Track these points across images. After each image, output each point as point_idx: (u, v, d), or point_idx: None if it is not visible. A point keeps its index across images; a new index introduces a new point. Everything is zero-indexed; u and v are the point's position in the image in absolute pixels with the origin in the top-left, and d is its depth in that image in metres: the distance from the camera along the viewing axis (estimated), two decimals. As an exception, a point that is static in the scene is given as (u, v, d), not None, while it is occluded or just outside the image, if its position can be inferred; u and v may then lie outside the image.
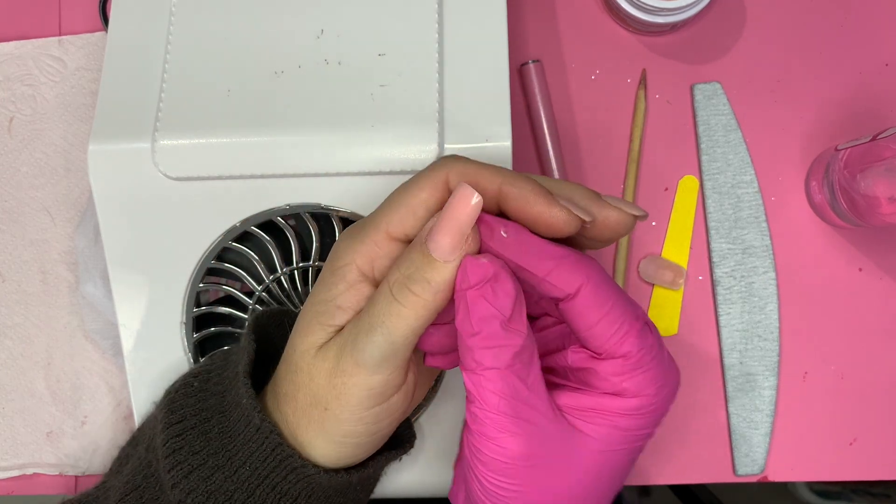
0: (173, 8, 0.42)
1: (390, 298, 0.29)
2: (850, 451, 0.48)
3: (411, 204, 0.30)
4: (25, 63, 0.53)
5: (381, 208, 0.31)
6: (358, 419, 0.31)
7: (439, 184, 0.30)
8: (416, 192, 0.30)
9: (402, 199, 0.30)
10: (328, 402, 0.31)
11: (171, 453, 0.33)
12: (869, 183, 0.43)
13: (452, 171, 0.30)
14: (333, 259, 0.31)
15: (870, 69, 0.50)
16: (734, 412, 0.48)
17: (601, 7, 0.51)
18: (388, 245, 0.30)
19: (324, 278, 0.31)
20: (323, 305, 0.31)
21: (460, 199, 0.28)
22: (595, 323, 0.29)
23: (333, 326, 0.31)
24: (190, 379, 0.36)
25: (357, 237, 0.31)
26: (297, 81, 0.40)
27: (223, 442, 0.33)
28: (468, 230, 0.29)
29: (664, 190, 0.50)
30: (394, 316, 0.29)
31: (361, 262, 0.30)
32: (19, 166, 0.52)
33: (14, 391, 0.51)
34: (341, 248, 0.31)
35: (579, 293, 0.29)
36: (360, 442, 0.32)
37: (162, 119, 0.39)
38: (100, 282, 0.48)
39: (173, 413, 0.34)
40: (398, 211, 0.30)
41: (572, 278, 0.28)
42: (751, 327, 0.49)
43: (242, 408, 0.33)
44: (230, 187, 0.39)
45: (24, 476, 0.51)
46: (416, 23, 0.40)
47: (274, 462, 0.32)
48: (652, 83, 0.50)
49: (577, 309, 0.29)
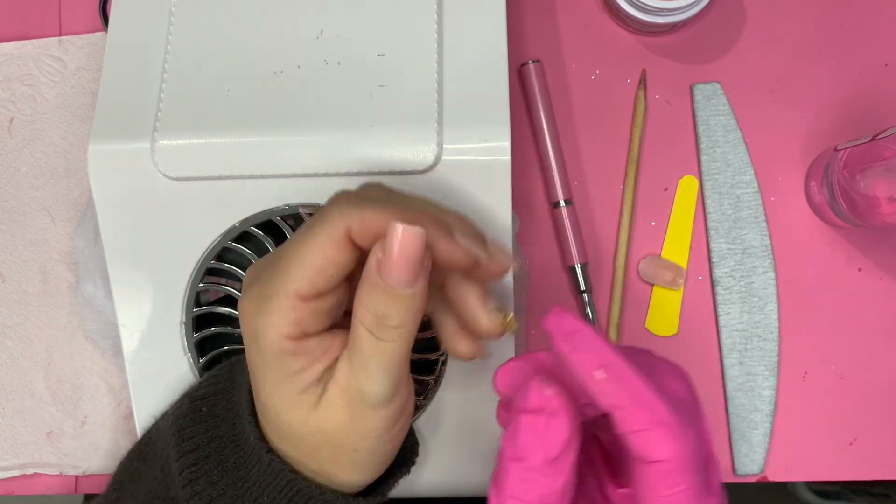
0: (173, 8, 0.42)
1: (374, 340, 0.29)
2: (849, 451, 0.48)
3: (318, 265, 0.28)
4: (25, 63, 0.53)
5: (278, 272, 0.29)
6: (387, 442, 0.32)
7: (342, 239, 0.28)
8: (321, 251, 0.28)
9: (305, 260, 0.28)
10: (356, 445, 0.31)
11: (189, 483, 0.33)
12: (868, 183, 0.43)
13: (353, 222, 0.28)
14: (256, 340, 0.29)
15: (870, 69, 0.50)
16: (734, 412, 0.48)
17: (601, 7, 0.51)
18: (304, 306, 0.29)
19: (261, 358, 0.30)
20: (286, 380, 0.30)
21: (404, 238, 0.27)
22: (656, 498, 0.27)
23: (313, 385, 0.30)
24: (197, 403, 0.35)
25: (267, 310, 0.29)
26: (296, 81, 0.40)
27: (240, 473, 0.33)
28: (423, 257, 0.28)
29: (664, 190, 0.50)
30: (383, 353, 0.29)
31: (287, 332, 0.29)
32: (19, 166, 0.52)
33: (14, 391, 0.51)
34: (258, 327, 0.29)
35: (659, 464, 0.26)
36: (391, 455, 0.33)
37: (162, 119, 0.39)
38: (100, 282, 0.48)
39: (185, 441, 0.34)
40: (305, 274, 0.28)
41: (654, 450, 0.26)
42: (750, 327, 0.49)
43: (251, 444, 0.33)
44: (230, 187, 0.39)
45: (24, 476, 0.51)
46: (415, 23, 0.40)
47: (291, 493, 0.32)
48: (652, 83, 0.51)
49: (648, 476, 0.27)
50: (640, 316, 0.49)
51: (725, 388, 0.48)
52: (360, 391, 0.30)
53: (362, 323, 0.29)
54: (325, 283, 0.29)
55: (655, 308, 0.49)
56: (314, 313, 0.29)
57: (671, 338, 0.49)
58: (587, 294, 0.48)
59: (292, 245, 0.29)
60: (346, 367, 0.30)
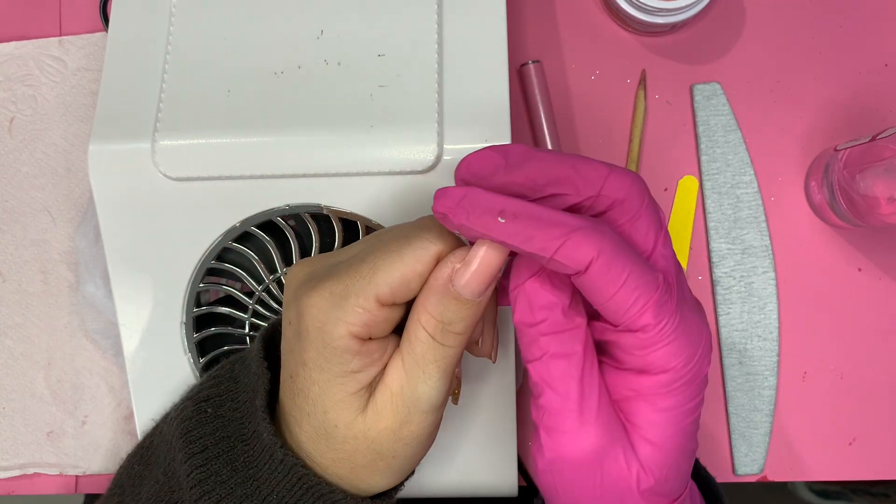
0: (173, 8, 0.42)
1: (434, 344, 0.30)
2: (849, 451, 0.48)
3: (406, 277, 0.29)
4: (26, 63, 0.53)
5: (364, 271, 0.29)
6: (424, 448, 0.32)
7: (432, 261, 0.29)
8: (412, 266, 0.29)
9: (394, 269, 0.29)
10: (396, 452, 0.31)
11: (198, 483, 0.33)
12: (868, 183, 0.43)
13: (446, 250, 0.29)
14: (322, 334, 0.30)
15: (870, 69, 0.50)
16: (734, 412, 0.48)
17: (601, 7, 0.51)
18: (381, 312, 0.29)
19: (322, 354, 0.30)
20: (342, 379, 0.30)
21: (488, 256, 0.28)
22: (610, 297, 0.27)
23: (364, 388, 0.31)
24: (202, 405, 0.35)
25: (340, 306, 0.29)
26: (296, 82, 0.40)
27: (251, 472, 0.33)
28: (497, 273, 0.29)
29: (664, 190, 0.50)
30: (444, 358, 0.30)
31: (357, 331, 0.29)
32: (20, 166, 0.52)
33: (14, 391, 0.51)
34: (329, 321, 0.30)
35: (590, 268, 0.27)
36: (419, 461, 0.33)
37: (162, 119, 0.39)
38: (100, 282, 0.48)
39: (193, 443, 0.34)
40: (391, 281, 0.29)
41: (581, 254, 0.27)
42: (750, 327, 0.49)
43: (264, 441, 0.33)
44: (230, 187, 0.40)
45: (24, 476, 0.51)
46: (415, 23, 0.40)
47: (301, 490, 0.32)
48: (652, 83, 0.51)
49: (590, 284, 0.27)
50: (640, 316, 0.49)
51: (725, 388, 0.48)
52: (415, 394, 0.30)
53: (425, 328, 0.29)
54: (404, 295, 0.30)
55: (655, 308, 0.49)
56: (385, 320, 0.30)
57: (671, 338, 0.49)
58: (587, 294, 0.48)
59: (382, 252, 0.30)
60: (398, 372, 0.30)
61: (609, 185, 0.29)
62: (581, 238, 0.27)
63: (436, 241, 0.29)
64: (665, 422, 0.29)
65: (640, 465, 0.29)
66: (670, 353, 0.28)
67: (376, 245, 0.30)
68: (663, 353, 0.28)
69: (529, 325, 0.29)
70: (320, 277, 0.31)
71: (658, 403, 0.29)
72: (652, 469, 0.29)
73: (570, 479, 0.29)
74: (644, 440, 0.29)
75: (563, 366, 0.28)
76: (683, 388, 0.29)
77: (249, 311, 0.42)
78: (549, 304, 0.28)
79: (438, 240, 0.29)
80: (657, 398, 0.29)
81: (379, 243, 0.30)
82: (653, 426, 0.29)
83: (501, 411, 0.42)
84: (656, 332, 0.28)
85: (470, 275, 0.28)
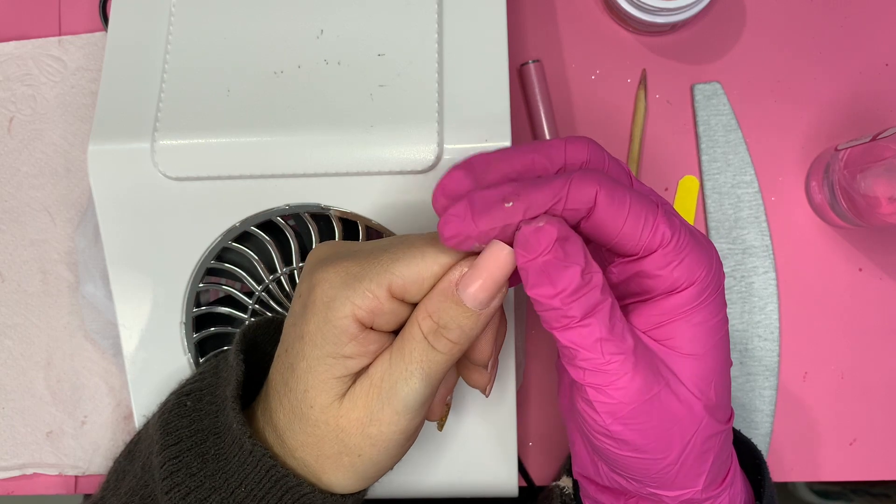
0: (173, 8, 0.42)
1: (426, 346, 0.29)
2: (849, 451, 0.48)
3: (423, 275, 0.29)
4: (25, 63, 0.53)
5: (384, 260, 0.30)
6: (391, 457, 0.32)
7: (448, 265, 0.30)
8: (429, 265, 0.29)
9: (412, 264, 0.29)
10: (362, 450, 0.31)
11: (169, 475, 0.33)
12: (869, 183, 0.43)
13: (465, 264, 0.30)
14: (327, 309, 0.30)
15: (870, 69, 0.50)
16: (734, 412, 0.48)
17: (601, 7, 0.51)
18: (389, 303, 0.30)
19: (321, 329, 0.30)
20: (332, 360, 0.30)
21: (497, 257, 0.28)
22: (622, 225, 0.28)
23: (349, 376, 0.31)
24: (183, 398, 0.36)
25: (351, 286, 0.30)
26: (296, 81, 0.40)
27: (220, 464, 0.33)
28: (504, 283, 0.29)
29: (664, 190, 0.50)
30: (431, 362, 0.30)
31: (361, 315, 0.30)
32: (19, 166, 0.52)
33: (14, 391, 0.51)
34: (337, 297, 0.30)
35: (597, 203, 0.28)
36: (385, 471, 0.33)
37: (162, 119, 0.39)
38: (100, 282, 0.48)
39: (169, 435, 0.34)
40: (406, 274, 0.29)
41: (586, 191, 0.28)
42: (751, 327, 0.49)
43: (234, 432, 0.33)
44: (230, 187, 0.39)
45: (24, 476, 0.51)
46: (415, 23, 0.40)
47: (269, 483, 0.32)
48: (652, 83, 0.50)
49: (599, 219, 0.28)
50: (641, 316, 0.49)
51: (726, 388, 0.48)
52: (392, 389, 0.30)
53: (420, 326, 0.30)
54: (415, 293, 0.30)
55: (655, 308, 0.49)
56: (390, 312, 0.30)
57: (671, 338, 0.49)
58: (587, 294, 0.48)
59: (406, 247, 0.30)
60: (383, 364, 0.30)
61: (570, 153, 0.30)
62: (580, 179, 0.28)
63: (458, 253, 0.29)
64: (703, 334, 0.30)
65: (689, 386, 0.30)
66: (693, 262, 0.29)
67: (403, 241, 0.31)
68: (686, 264, 0.29)
69: (552, 296, 0.28)
70: (341, 256, 0.31)
71: (692, 318, 0.30)
72: (700, 386, 0.30)
73: (636, 423, 0.29)
74: (687, 357, 0.30)
75: (593, 324, 0.28)
76: (711, 299, 0.30)
77: (249, 311, 0.42)
78: (567, 274, 0.28)
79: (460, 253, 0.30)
80: (691, 313, 0.30)
81: (406, 240, 0.31)
82: (692, 340, 0.30)
83: (501, 411, 0.42)
84: (674, 244, 0.29)
85: (476, 276, 0.28)
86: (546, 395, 0.49)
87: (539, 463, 0.49)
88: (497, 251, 0.28)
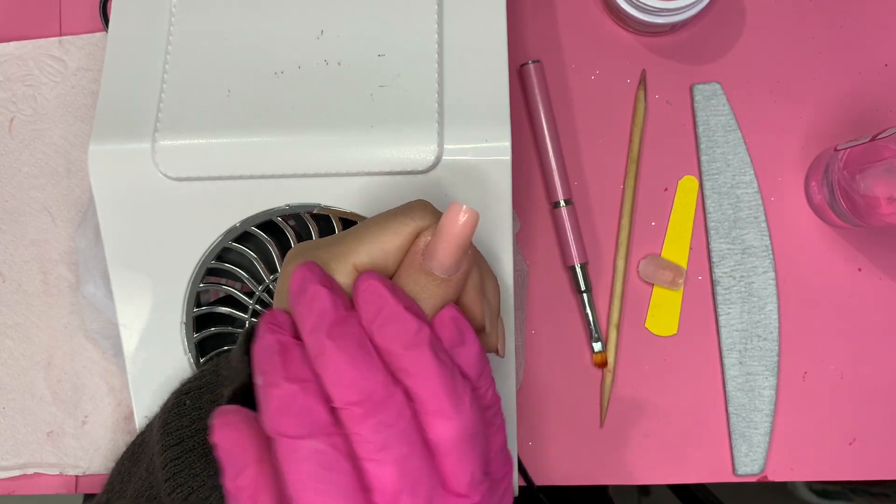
0: (173, 8, 0.42)
1: None
2: (849, 450, 0.48)
3: (387, 248, 0.29)
4: (26, 63, 0.53)
5: (348, 241, 0.30)
6: None
7: (414, 235, 0.30)
8: (393, 238, 0.29)
9: (378, 239, 0.30)
10: None
11: (172, 476, 0.33)
12: (868, 183, 0.43)
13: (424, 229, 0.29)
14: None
15: (870, 69, 0.50)
16: (734, 412, 0.48)
17: (601, 7, 0.51)
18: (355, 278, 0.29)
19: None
20: None
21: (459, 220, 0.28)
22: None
23: None
24: (182, 397, 0.36)
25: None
26: (296, 82, 0.40)
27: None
28: (468, 246, 0.28)
29: (664, 190, 0.50)
30: None
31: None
32: (20, 166, 0.52)
33: (14, 391, 0.51)
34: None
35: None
36: None
37: (162, 119, 0.39)
38: (100, 282, 0.48)
39: (170, 435, 0.34)
40: (372, 250, 0.29)
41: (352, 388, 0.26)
42: (750, 327, 0.49)
43: None
44: (230, 187, 0.40)
45: (24, 476, 0.51)
46: (415, 23, 0.40)
47: None
48: (652, 83, 0.51)
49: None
50: (640, 316, 0.49)
51: (725, 388, 0.48)
52: None
53: None
54: (383, 268, 0.30)
55: (655, 308, 0.49)
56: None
57: (671, 338, 0.49)
58: (587, 294, 0.49)
59: (369, 224, 0.30)
60: None
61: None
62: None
63: (418, 219, 0.29)
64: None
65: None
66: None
67: (368, 220, 0.31)
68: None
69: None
70: (313, 248, 0.31)
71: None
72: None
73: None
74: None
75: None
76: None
77: (249, 311, 0.42)
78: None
79: (422, 217, 0.30)
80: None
81: (371, 219, 0.31)
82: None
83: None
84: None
85: (442, 241, 0.28)
86: (546, 395, 0.49)
87: (539, 463, 0.49)
88: (455, 213, 0.28)
